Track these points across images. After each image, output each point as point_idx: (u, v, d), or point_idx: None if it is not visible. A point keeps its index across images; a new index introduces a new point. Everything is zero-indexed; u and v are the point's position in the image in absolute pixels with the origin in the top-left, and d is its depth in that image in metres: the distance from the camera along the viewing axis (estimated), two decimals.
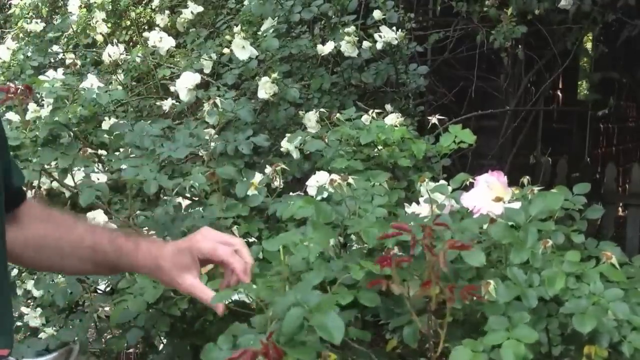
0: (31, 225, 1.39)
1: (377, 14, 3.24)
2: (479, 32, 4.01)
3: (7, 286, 1.28)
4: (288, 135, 2.46)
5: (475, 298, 1.31)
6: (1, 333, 1.22)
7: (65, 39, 4.10)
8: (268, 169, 2.06)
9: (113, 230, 1.46)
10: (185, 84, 2.55)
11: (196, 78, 2.57)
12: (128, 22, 4.25)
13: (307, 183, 1.93)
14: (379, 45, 3.16)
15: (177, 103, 2.91)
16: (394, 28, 3.19)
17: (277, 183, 2.00)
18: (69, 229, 1.40)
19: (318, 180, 1.88)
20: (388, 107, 3.03)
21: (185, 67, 3.14)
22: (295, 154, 2.36)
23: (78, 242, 1.37)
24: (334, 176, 1.74)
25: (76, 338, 1.99)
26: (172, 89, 2.96)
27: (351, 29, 3.15)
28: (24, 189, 1.45)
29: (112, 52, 3.21)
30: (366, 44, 3.19)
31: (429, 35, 4.18)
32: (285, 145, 2.41)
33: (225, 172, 1.96)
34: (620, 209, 5.94)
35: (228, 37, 3.18)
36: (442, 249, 1.22)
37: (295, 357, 1.16)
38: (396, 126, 2.20)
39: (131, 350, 2.87)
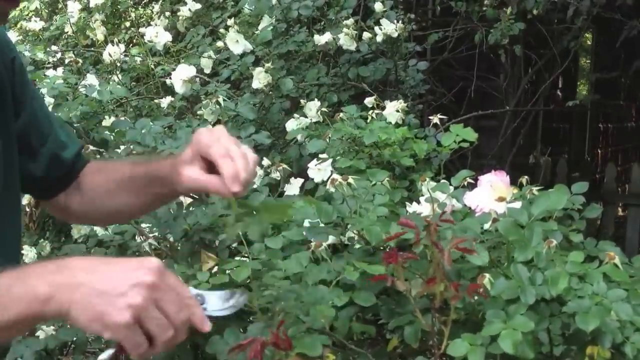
0: (87, 182, 1.42)
1: (378, 7, 3.23)
2: (478, 31, 4.01)
3: None
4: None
5: (476, 298, 1.31)
6: None
7: (66, 40, 4.10)
8: (265, 161, 2.07)
9: (155, 159, 1.44)
10: (181, 75, 2.56)
11: (191, 71, 2.58)
12: (128, 23, 4.25)
13: (308, 165, 1.95)
14: (379, 38, 3.15)
15: (175, 99, 2.91)
16: (395, 21, 3.19)
17: (276, 175, 2.06)
18: (114, 171, 1.42)
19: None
20: (387, 103, 3.02)
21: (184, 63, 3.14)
22: (300, 137, 2.37)
23: (120, 177, 1.38)
24: (335, 176, 1.74)
25: (75, 338, 1.98)
26: (168, 82, 2.96)
27: (350, 21, 3.14)
28: (82, 153, 1.47)
29: (113, 52, 3.21)
30: (366, 35, 3.17)
31: (428, 35, 4.17)
32: (289, 126, 2.44)
33: None
34: (620, 209, 5.95)
35: (222, 31, 3.18)
36: (447, 248, 1.22)
37: (300, 349, 1.17)
38: (398, 111, 2.22)
39: None
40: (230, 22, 3.15)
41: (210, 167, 1.17)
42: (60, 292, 0.95)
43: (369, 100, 2.50)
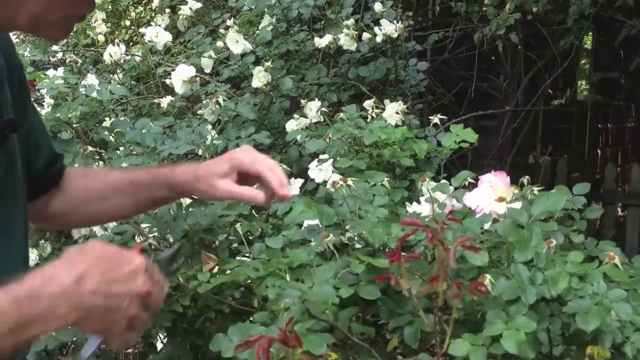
0: (72, 186, 1.43)
1: (378, 7, 3.23)
2: (478, 31, 4.01)
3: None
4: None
5: (476, 298, 1.31)
6: None
7: (66, 39, 4.10)
8: None
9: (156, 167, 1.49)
10: (180, 76, 2.57)
11: (191, 71, 2.58)
12: (128, 22, 4.24)
13: (309, 166, 1.95)
14: (378, 39, 3.15)
15: (175, 99, 2.91)
16: (395, 21, 3.19)
17: None
18: (106, 174, 1.45)
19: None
20: (387, 102, 3.02)
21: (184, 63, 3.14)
22: (300, 137, 2.37)
23: (117, 181, 1.42)
24: (335, 177, 1.74)
25: (75, 338, 1.98)
26: (168, 82, 2.96)
27: (350, 21, 3.14)
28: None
29: (113, 52, 3.20)
30: (366, 35, 3.17)
31: (428, 35, 4.17)
32: (289, 127, 2.43)
33: None
34: (619, 209, 5.95)
35: (222, 31, 3.18)
36: (452, 246, 1.22)
37: (307, 347, 1.17)
38: (397, 113, 2.22)
39: (130, 350, 2.86)
40: (230, 22, 3.14)
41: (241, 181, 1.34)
42: (76, 313, 0.99)
43: (368, 104, 2.50)
